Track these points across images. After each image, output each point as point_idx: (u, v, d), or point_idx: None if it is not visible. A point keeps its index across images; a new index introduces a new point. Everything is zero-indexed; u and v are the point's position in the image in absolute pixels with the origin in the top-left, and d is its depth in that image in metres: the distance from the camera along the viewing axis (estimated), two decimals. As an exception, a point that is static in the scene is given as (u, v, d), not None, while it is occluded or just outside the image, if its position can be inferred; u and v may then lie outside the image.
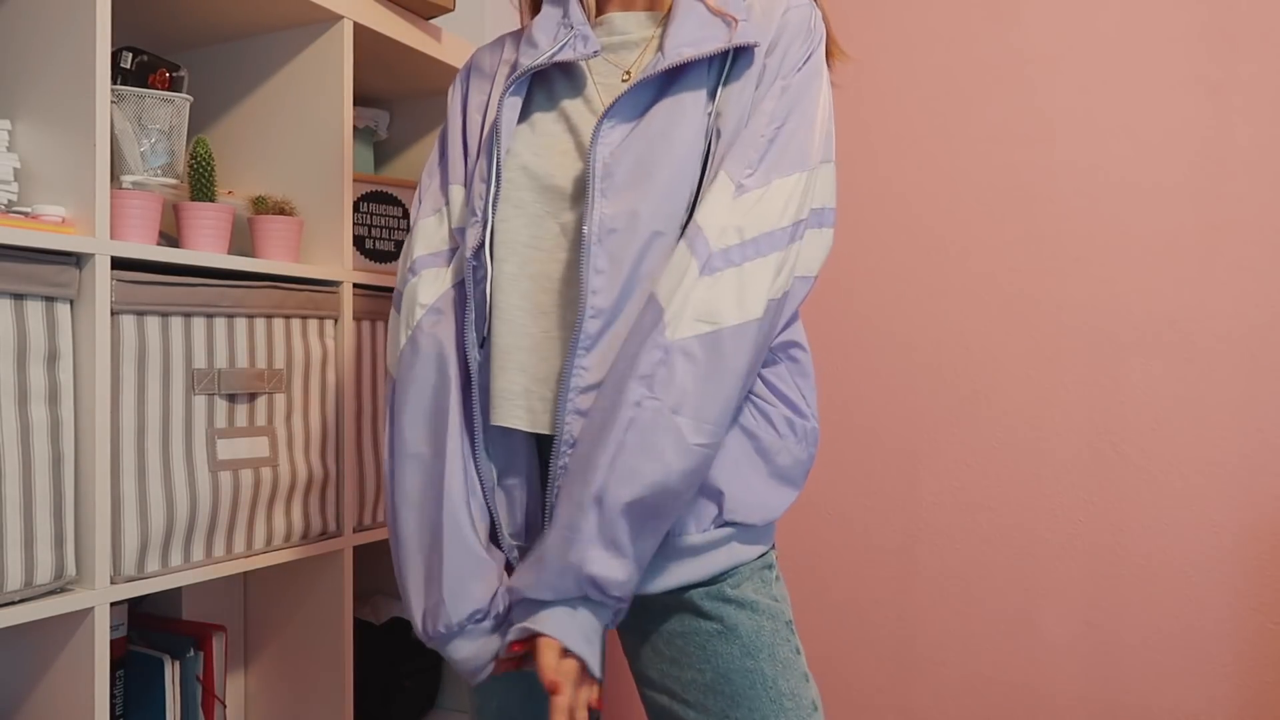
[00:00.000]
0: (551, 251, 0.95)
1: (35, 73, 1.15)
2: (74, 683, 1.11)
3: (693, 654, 0.93)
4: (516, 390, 0.94)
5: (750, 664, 0.92)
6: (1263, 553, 1.48)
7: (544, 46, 0.97)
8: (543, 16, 1.01)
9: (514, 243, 0.96)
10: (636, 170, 0.91)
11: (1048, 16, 1.62)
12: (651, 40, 1.00)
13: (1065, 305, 1.61)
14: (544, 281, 0.95)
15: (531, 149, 0.97)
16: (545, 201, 0.96)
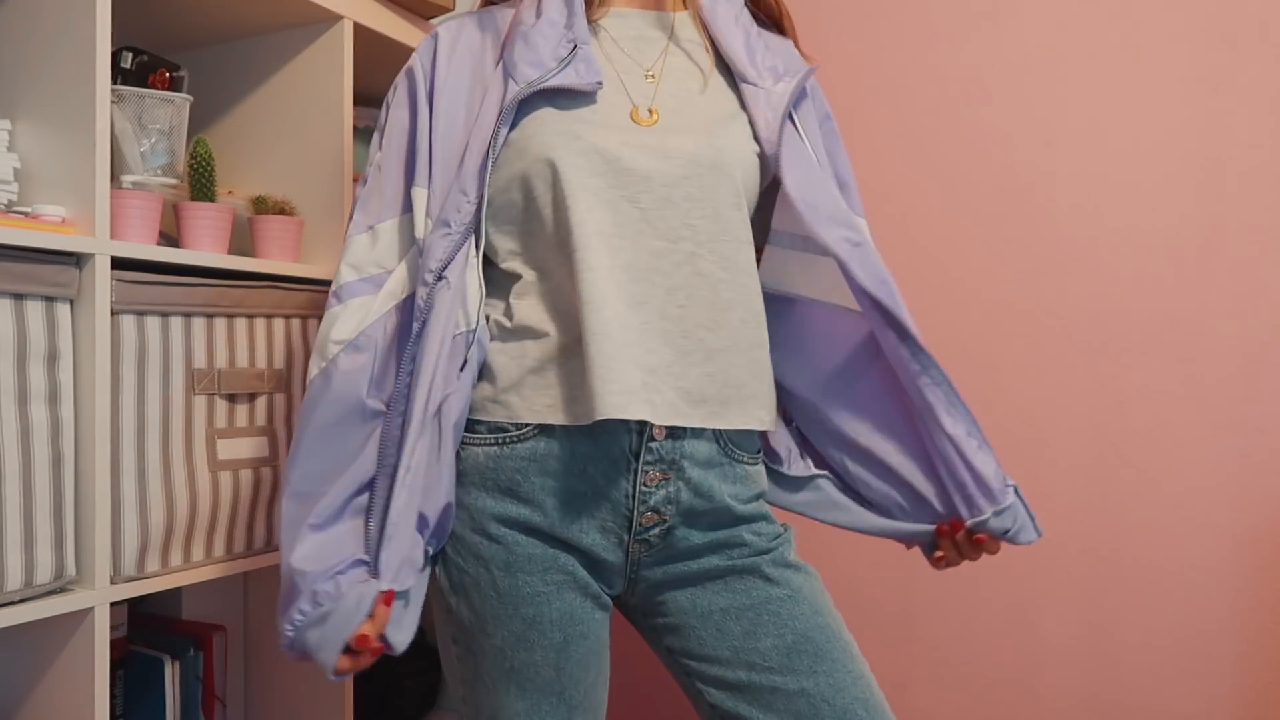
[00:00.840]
0: (634, 239, 0.93)
1: (35, 73, 1.15)
2: (74, 683, 1.11)
3: (768, 622, 0.97)
4: (635, 384, 0.90)
5: (821, 620, 0.99)
6: (1263, 553, 1.48)
7: (545, 59, 0.96)
8: (545, 19, 0.99)
9: (602, 231, 0.93)
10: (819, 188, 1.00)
11: (1047, 17, 1.62)
12: (673, 38, 1.03)
13: (1065, 305, 1.61)
14: (639, 272, 0.93)
15: (587, 129, 0.95)
16: (624, 185, 0.94)
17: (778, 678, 0.96)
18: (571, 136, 0.94)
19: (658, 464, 0.95)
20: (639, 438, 0.94)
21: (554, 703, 0.96)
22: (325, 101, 1.42)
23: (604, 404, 0.88)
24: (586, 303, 0.90)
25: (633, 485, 0.95)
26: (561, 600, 0.95)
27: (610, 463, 0.95)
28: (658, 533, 0.97)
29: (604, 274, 0.91)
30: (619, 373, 0.89)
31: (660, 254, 0.93)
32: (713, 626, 0.98)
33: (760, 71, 1.01)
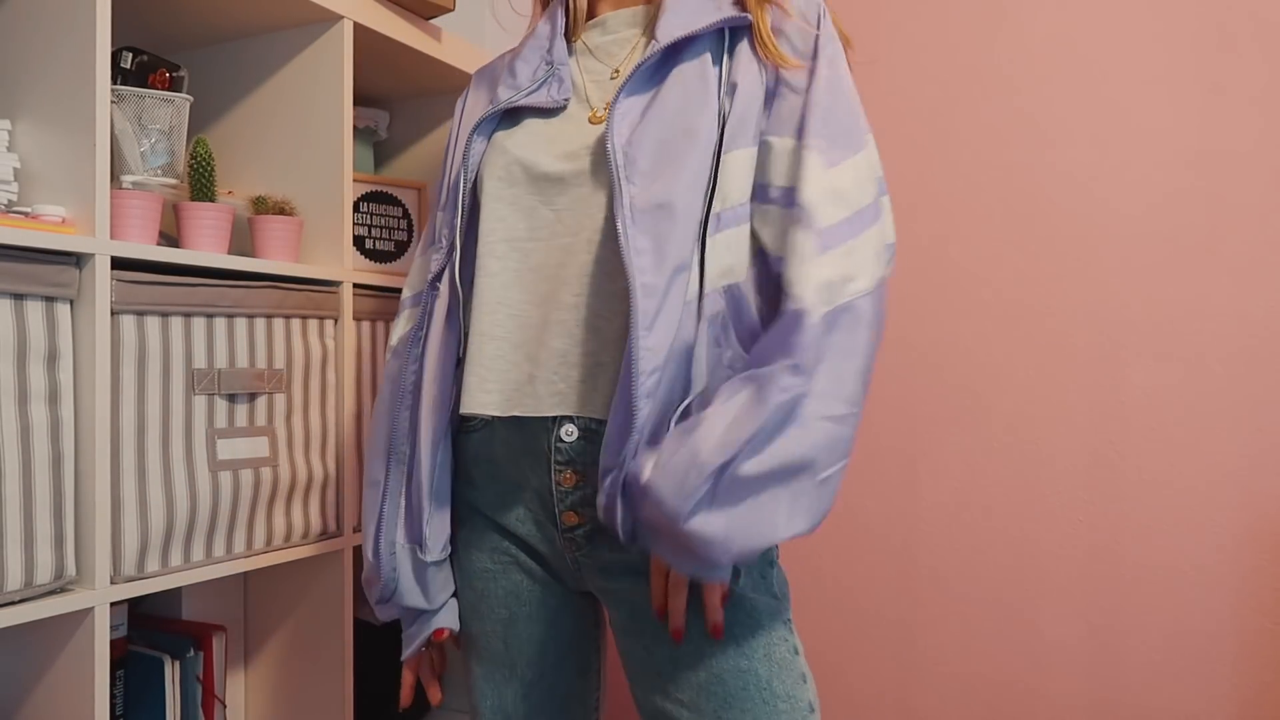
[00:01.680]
0: (549, 239, 0.96)
1: (35, 73, 1.15)
2: (74, 683, 1.11)
3: (689, 653, 0.91)
4: (518, 378, 0.95)
5: (745, 664, 0.90)
6: (1263, 553, 1.48)
7: (521, 81, 1.02)
8: (531, 44, 1.06)
9: (512, 237, 0.98)
10: (661, 157, 0.90)
11: (1047, 17, 1.62)
12: (641, 36, 1.02)
13: (1065, 306, 1.61)
14: (545, 270, 0.96)
15: (520, 145, 0.99)
16: (538, 192, 0.97)
17: (685, 712, 0.92)
18: (503, 156, 0.99)
19: (569, 465, 0.95)
20: (550, 435, 0.96)
21: (506, 674, 1.03)
22: (325, 101, 1.42)
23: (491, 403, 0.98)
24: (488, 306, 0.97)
25: (551, 483, 0.97)
26: (507, 579, 1.02)
27: (534, 459, 0.97)
28: (583, 534, 0.97)
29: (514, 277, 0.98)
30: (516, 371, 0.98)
31: None
32: (637, 640, 0.97)
33: (671, 20, 0.96)
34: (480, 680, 1.06)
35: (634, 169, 0.90)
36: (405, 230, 1.65)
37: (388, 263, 1.62)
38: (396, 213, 1.64)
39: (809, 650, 1.03)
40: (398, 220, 1.64)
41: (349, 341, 1.44)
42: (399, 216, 1.65)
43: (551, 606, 1.02)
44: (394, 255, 1.63)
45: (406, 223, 1.65)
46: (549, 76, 1.01)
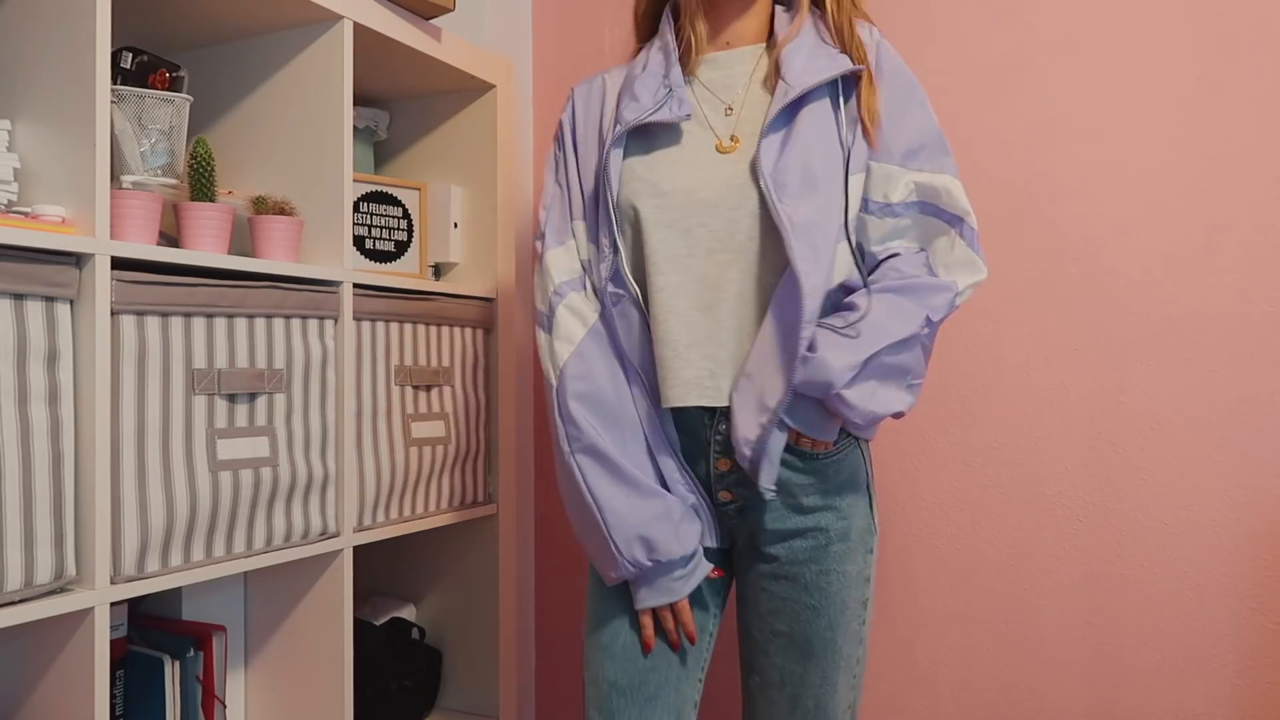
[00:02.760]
0: (706, 255, 1.14)
1: (35, 73, 1.15)
2: (74, 683, 1.11)
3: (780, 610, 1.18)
4: (702, 375, 1.14)
5: (829, 635, 1.18)
6: (1263, 553, 1.48)
7: (645, 103, 1.15)
8: (648, 70, 1.19)
9: (673, 255, 1.15)
10: (805, 182, 1.10)
11: (1048, 17, 1.62)
12: (754, 73, 1.19)
13: (1065, 305, 1.61)
14: (708, 282, 1.14)
15: (662, 173, 1.16)
16: (692, 214, 1.14)
17: (765, 659, 1.18)
18: (647, 184, 1.16)
19: (725, 452, 1.16)
20: (710, 429, 1.17)
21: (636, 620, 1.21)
22: (325, 101, 1.42)
23: (670, 397, 1.15)
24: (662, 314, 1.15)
25: (709, 468, 1.18)
26: None
27: (697, 447, 1.18)
28: (735, 508, 1.19)
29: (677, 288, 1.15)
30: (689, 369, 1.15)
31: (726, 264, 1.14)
32: (770, 572, 1.18)
33: (799, 64, 1.15)
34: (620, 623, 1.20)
35: (785, 192, 1.09)
36: (405, 230, 1.65)
37: (388, 263, 1.62)
38: (396, 213, 1.64)
39: None
40: (398, 220, 1.64)
41: (349, 341, 1.44)
42: (399, 216, 1.65)
43: None
44: (394, 255, 1.63)
45: (406, 223, 1.65)
46: (668, 98, 1.15)
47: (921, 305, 1.13)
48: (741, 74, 1.19)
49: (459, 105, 1.78)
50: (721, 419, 1.15)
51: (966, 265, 1.17)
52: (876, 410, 1.11)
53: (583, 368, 1.16)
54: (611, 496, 1.13)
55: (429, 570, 1.83)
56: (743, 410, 1.11)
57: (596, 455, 1.14)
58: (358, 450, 1.47)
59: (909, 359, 1.13)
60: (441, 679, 1.82)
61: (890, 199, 1.16)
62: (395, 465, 1.54)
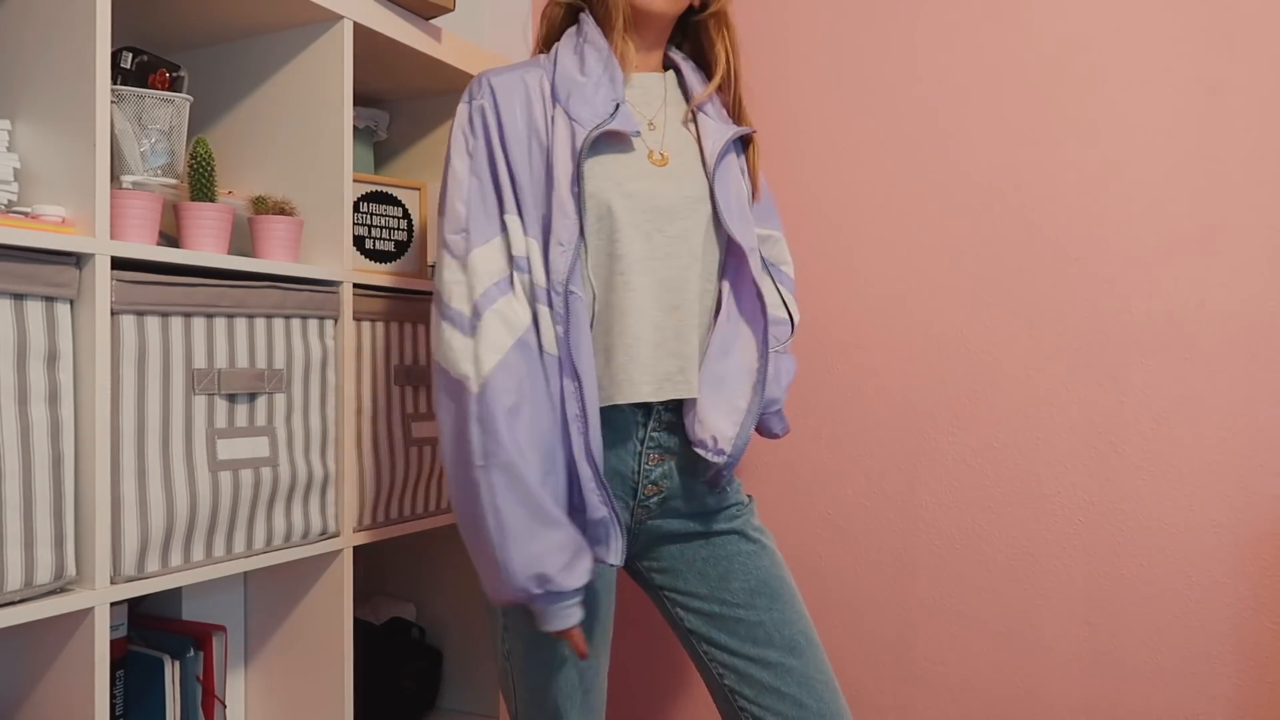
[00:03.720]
0: (665, 259, 1.20)
1: (35, 73, 1.15)
2: (74, 683, 1.11)
3: (738, 569, 1.27)
4: (672, 370, 1.21)
5: (778, 572, 1.29)
6: (1263, 553, 1.48)
7: (601, 109, 1.19)
8: (589, 76, 1.21)
9: (641, 257, 1.19)
10: (738, 207, 1.25)
11: (1048, 17, 1.62)
12: (666, 97, 1.30)
13: (1064, 305, 1.61)
14: (669, 285, 1.20)
15: (624, 175, 1.21)
16: (652, 219, 1.20)
17: (741, 611, 1.26)
18: (613, 182, 1.19)
19: (658, 448, 1.23)
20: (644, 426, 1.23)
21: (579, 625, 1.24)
22: (325, 101, 1.42)
23: (633, 391, 1.20)
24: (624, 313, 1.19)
25: (639, 465, 1.23)
26: None
27: (624, 444, 1.23)
28: (657, 500, 1.26)
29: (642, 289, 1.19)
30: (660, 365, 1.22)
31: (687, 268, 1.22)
32: (690, 571, 1.29)
33: (716, 109, 1.30)
34: None
35: (732, 217, 1.23)
36: (405, 230, 1.65)
37: (388, 263, 1.62)
38: (396, 213, 1.64)
39: None
40: (397, 220, 1.64)
41: (349, 341, 1.44)
42: (399, 216, 1.64)
43: (610, 568, 1.27)
44: (394, 255, 1.63)
45: (406, 223, 1.65)
46: (619, 110, 1.20)
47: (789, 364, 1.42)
48: (656, 96, 1.29)
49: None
50: (659, 415, 1.22)
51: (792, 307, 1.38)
52: (780, 433, 1.43)
53: (510, 380, 1.11)
54: (516, 520, 1.10)
55: (429, 570, 1.83)
56: (715, 410, 1.21)
57: (512, 475, 1.10)
58: (358, 450, 1.47)
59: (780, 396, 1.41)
60: (441, 679, 1.82)
61: None
62: (395, 465, 1.54)
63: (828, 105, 1.79)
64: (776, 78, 1.83)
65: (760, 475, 1.85)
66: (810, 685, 1.24)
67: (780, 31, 1.84)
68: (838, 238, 1.78)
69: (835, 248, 1.78)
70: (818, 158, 1.79)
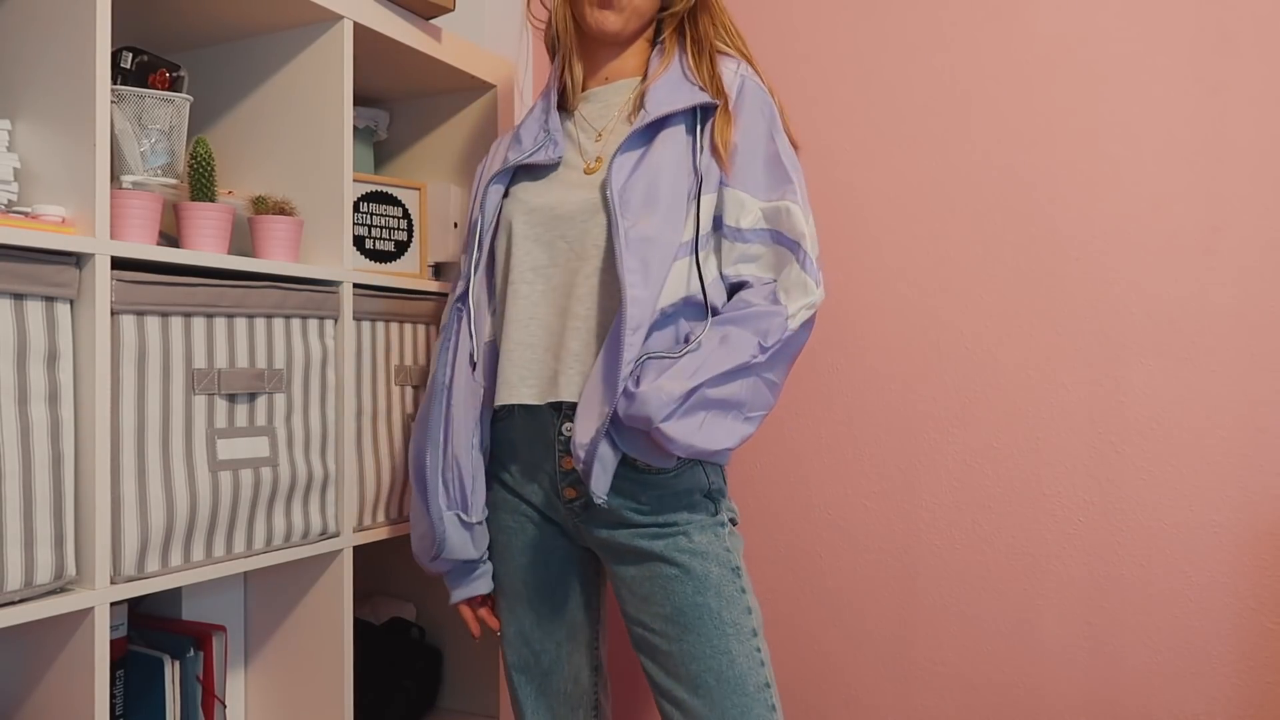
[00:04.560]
0: (565, 265, 1.24)
1: (35, 73, 1.15)
2: (74, 683, 1.11)
3: (657, 593, 1.20)
4: (548, 374, 1.23)
5: (699, 599, 1.18)
6: (1263, 553, 1.48)
7: (526, 145, 1.30)
8: (532, 115, 1.34)
9: (537, 265, 1.26)
10: (648, 201, 1.18)
11: (1048, 17, 1.62)
12: (625, 104, 1.30)
13: (1064, 305, 1.61)
14: (564, 289, 1.24)
15: (534, 193, 1.29)
16: (554, 228, 1.25)
17: (657, 638, 1.21)
18: (522, 202, 1.29)
19: (568, 451, 1.23)
20: (557, 427, 1.25)
21: (524, 606, 1.32)
22: (325, 101, 1.42)
23: (519, 393, 1.26)
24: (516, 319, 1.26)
25: (556, 466, 1.26)
26: (524, 534, 1.31)
27: (545, 446, 1.26)
28: (579, 504, 1.26)
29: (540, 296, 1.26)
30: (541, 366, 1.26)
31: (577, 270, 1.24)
32: (625, 589, 1.25)
33: (673, 90, 1.25)
34: (505, 612, 1.34)
35: (628, 208, 1.17)
36: (405, 230, 1.65)
37: (388, 263, 1.62)
38: (396, 213, 1.64)
39: (808, 647, 1.06)
40: (397, 220, 1.64)
41: (349, 341, 1.44)
42: (399, 216, 1.64)
43: (558, 554, 1.31)
44: (394, 255, 1.63)
45: (406, 223, 1.65)
46: (546, 141, 1.29)
47: (753, 333, 1.15)
48: (616, 104, 1.31)
49: (459, 105, 1.78)
50: (567, 417, 1.23)
51: (800, 287, 1.19)
52: (699, 445, 1.12)
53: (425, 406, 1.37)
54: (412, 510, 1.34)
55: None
56: (582, 418, 1.14)
57: (418, 476, 1.32)
58: (358, 450, 1.47)
59: (740, 390, 1.15)
60: (441, 679, 1.82)
61: (740, 224, 1.21)
62: (395, 465, 1.54)
63: (826, 105, 1.79)
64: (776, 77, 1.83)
65: (760, 475, 1.85)
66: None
67: (779, 30, 1.84)
68: (837, 238, 1.78)
69: (834, 248, 1.78)
70: (816, 158, 1.79)
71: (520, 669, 1.33)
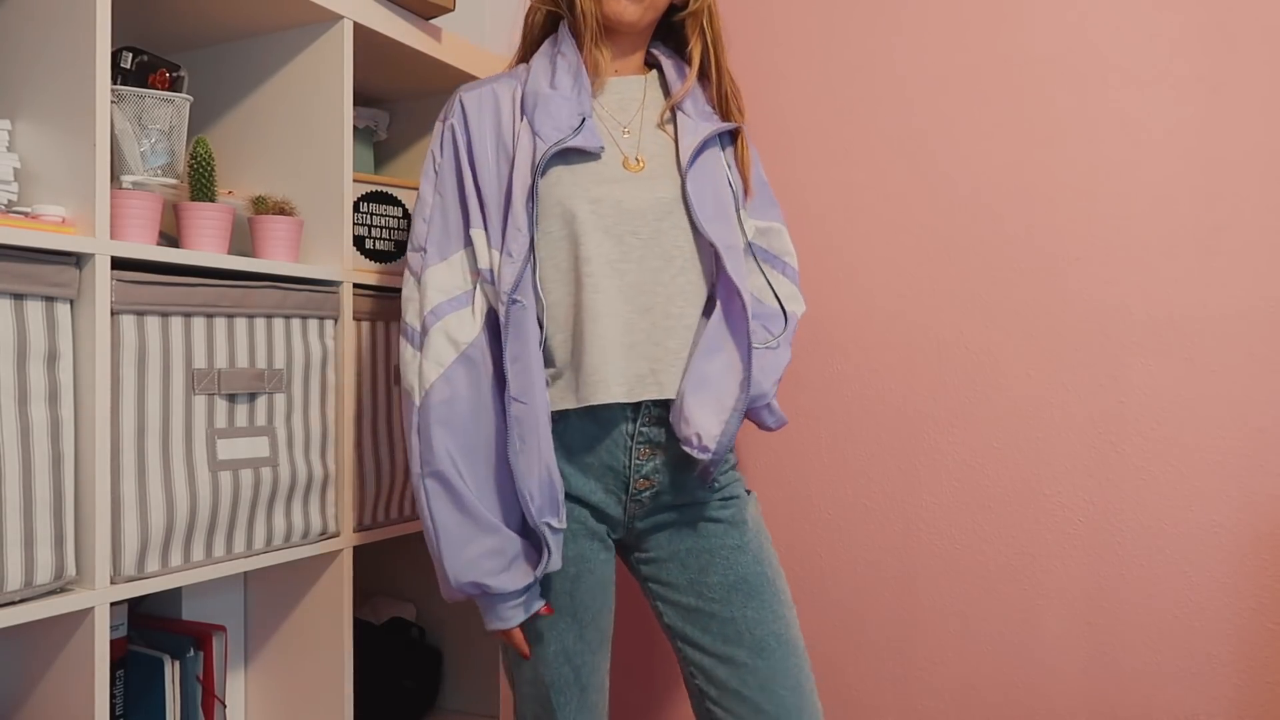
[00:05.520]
0: (639, 261, 1.22)
1: (35, 73, 1.15)
2: (74, 683, 1.11)
3: (718, 563, 1.26)
4: (644, 372, 1.21)
5: (760, 569, 1.26)
6: (1264, 554, 1.48)
7: (563, 125, 1.21)
8: (559, 90, 1.24)
9: (610, 259, 1.21)
10: (715, 206, 1.26)
11: (1048, 16, 1.62)
12: (644, 102, 1.31)
13: (1065, 305, 1.61)
14: (644, 287, 1.22)
15: (585, 181, 1.22)
16: (623, 221, 1.22)
17: (716, 605, 1.25)
18: (580, 188, 1.21)
19: (648, 442, 1.24)
20: (633, 422, 1.24)
21: (567, 622, 1.25)
22: (325, 101, 1.42)
23: (609, 392, 1.20)
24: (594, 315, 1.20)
25: (629, 460, 1.24)
26: (575, 544, 1.24)
27: (612, 442, 1.24)
28: (649, 494, 1.26)
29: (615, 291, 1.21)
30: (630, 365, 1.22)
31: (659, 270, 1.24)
32: (674, 564, 1.27)
33: (698, 106, 1.30)
34: (546, 628, 1.24)
35: (705, 216, 1.23)
36: (405, 230, 1.65)
37: (388, 263, 1.62)
38: (396, 213, 1.64)
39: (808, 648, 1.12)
40: (398, 220, 1.64)
41: (349, 341, 1.44)
42: (399, 216, 1.64)
43: (599, 557, 1.26)
44: (394, 255, 1.63)
45: (406, 223, 1.65)
46: (583, 126, 1.22)
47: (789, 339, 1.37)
48: (632, 100, 1.31)
49: (459, 105, 1.77)
50: (648, 410, 1.23)
51: (793, 299, 1.39)
52: (783, 416, 1.34)
53: (448, 392, 1.18)
54: (450, 527, 1.17)
55: (429, 570, 1.83)
56: (701, 409, 1.20)
57: (444, 482, 1.17)
58: (357, 450, 1.47)
59: None
60: (441, 679, 1.82)
61: None
62: (395, 465, 1.54)
63: (825, 104, 1.79)
64: (771, 77, 1.83)
65: (760, 475, 1.85)
66: (771, 689, 1.22)
67: (774, 30, 1.84)
68: (836, 238, 1.78)
69: (834, 248, 1.78)
70: (815, 158, 1.79)
71: (560, 688, 1.25)
